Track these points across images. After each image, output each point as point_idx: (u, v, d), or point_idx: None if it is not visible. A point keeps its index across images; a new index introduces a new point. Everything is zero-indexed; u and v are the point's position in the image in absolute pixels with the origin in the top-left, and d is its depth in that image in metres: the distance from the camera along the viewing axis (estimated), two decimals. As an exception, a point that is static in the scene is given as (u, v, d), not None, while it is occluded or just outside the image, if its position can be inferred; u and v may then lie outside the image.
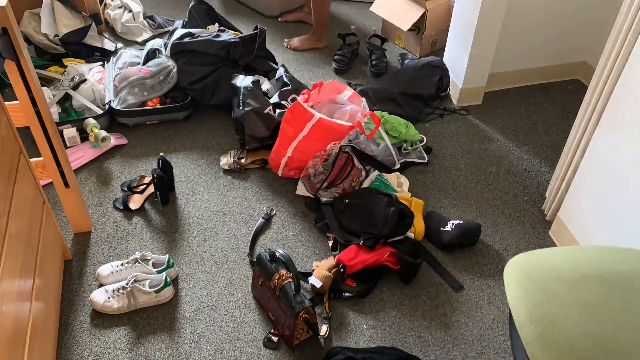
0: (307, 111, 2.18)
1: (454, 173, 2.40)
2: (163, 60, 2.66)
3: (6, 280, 1.34)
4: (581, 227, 1.97)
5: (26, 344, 1.42)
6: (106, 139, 2.39)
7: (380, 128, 2.35)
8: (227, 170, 2.39)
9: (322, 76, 2.98)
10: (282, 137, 2.25)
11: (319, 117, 2.17)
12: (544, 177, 2.37)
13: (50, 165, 1.87)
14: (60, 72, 2.69)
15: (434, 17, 3.01)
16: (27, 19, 2.87)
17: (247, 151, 2.42)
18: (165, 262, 1.92)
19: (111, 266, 1.93)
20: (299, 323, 1.68)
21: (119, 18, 3.24)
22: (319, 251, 2.06)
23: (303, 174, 2.25)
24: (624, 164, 1.73)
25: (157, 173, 2.15)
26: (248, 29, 3.36)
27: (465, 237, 2.05)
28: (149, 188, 2.25)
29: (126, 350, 1.74)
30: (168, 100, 2.63)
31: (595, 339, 1.13)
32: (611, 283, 1.23)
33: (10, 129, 1.57)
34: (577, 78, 2.97)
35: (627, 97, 1.70)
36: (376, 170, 2.28)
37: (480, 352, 1.76)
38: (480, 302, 1.90)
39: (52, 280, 1.77)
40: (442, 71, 2.74)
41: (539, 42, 2.75)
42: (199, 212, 2.20)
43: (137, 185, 2.28)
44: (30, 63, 1.64)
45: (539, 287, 1.24)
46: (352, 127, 2.19)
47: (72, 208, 2.02)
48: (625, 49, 1.69)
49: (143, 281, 1.84)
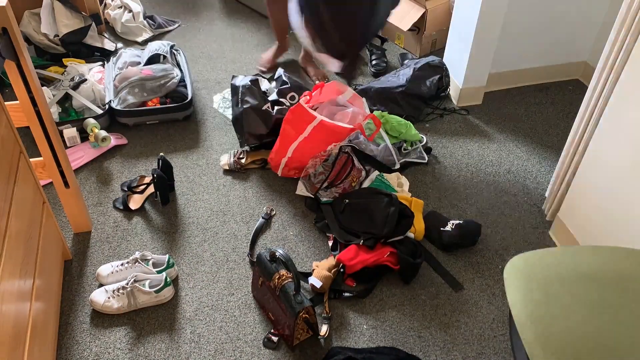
0: (309, 113, 2.18)
1: (454, 173, 2.40)
2: (169, 67, 2.68)
3: (6, 280, 1.34)
4: (581, 227, 1.97)
5: (26, 344, 1.42)
6: (106, 139, 2.39)
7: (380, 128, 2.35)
8: (227, 170, 2.39)
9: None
10: (283, 137, 2.25)
11: (320, 120, 2.17)
12: (544, 177, 2.37)
13: (50, 165, 1.87)
14: (60, 72, 2.69)
15: (434, 17, 3.01)
16: (27, 19, 2.87)
17: (247, 151, 2.43)
18: (165, 262, 1.92)
19: (111, 266, 1.93)
20: (299, 323, 1.68)
21: (119, 18, 3.24)
22: (319, 251, 2.06)
23: (303, 174, 2.25)
24: (624, 164, 1.73)
25: (157, 173, 2.15)
26: (248, 29, 3.37)
27: (465, 237, 2.05)
28: (149, 188, 2.25)
29: (126, 350, 1.74)
30: (168, 100, 2.63)
31: (595, 339, 1.13)
32: (611, 283, 1.23)
33: (10, 129, 1.57)
34: (577, 78, 2.97)
35: (627, 97, 1.70)
36: (376, 171, 2.28)
37: (480, 352, 1.76)
38: (480, 302, 1.90)
39: (52, 280, 1.77)
40: (442, 71, 2.74)
41: (539, 42, 2.75)
42: (199, 212, 2.20)
43: (137, 185, 2.28)
44: (30, 63, 1.64)
45: (539, 287, 1.24)
46: (352, 130, 2.20)
47: (72, 208, 2.02)
48: (625, 49, 1.69)
49: (143, 281, 1.84)
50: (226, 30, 3.36)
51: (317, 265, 1.94)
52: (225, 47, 3.21)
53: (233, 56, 3.13)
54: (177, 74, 2.67)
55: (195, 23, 3.43)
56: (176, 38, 3.28)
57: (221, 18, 3.48)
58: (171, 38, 3.28)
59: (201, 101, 2.78)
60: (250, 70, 3.01)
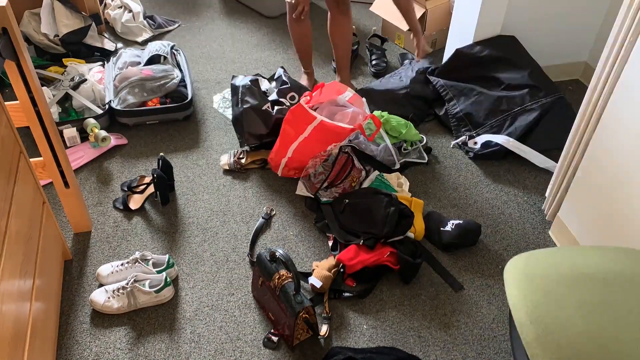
0: (309, 113, 2.18)
1: (454, 173, 2.40)
2: (169, 68, 2.68)
3: (6, 280, 1.34)
4: (581, 227, 1.97)
5: (26, 343, 1.42)
6: (106, 139, 2.39)
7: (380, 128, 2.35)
8: (227, 170, 2.39)
9: (323, 76, 2.98)
10: (283, 137, 2.25)
11: (320, 120, 2.17)
12: (544, 177, 2.37)
13: (50, 165, 1.87)
14: (60, 72, 2.69)
15: (434, 17, 3.01)
16: (27, 19, 2.87)
17: (247, 151, 2.42)
18: (165, 262, 1.92)
19: (111, 266, 1.93)
20: (299, 323, 1.68)
21: (119, 18, 3.24)
22: (319, 251, 2.06)
23: (303, 174, 2.25)
24: (624, 164, 1.73)
25: (157, 173, 2.15)
26: (248, 29, 3.37)
27: (465, 237, 2.05)
28: (149, 188, 2.25)
29: (126, 350, 1.74)
30: (168, 100, 2.63)
31: (595, 339, 1.13)
32: (611, 283, 1.23)
33: (10, 129, 1.57)
34: (577, 78, 2.97)
35: (627, 97, 1.70)
36: (376, 171, 2.28)
37: (480, 352, 1.76)
38: (480, 302, 1.90)
39: (52, 280, 1.77)
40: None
41: (538, 42, 2.74)
42: (199, 212, 2.20)
43: (137, 185, 2.28)
44: (30, 63, 1.64)
45: (539, 287, 1.24)
46: (353, 130, 2.20)
47: (72, 208, 2.02)
48: (625, 49, 1.69)
49: (143, 281, 1.84)
50: (226, 30, 3.36)
51: (317, 265, 1.94)
52: (225, 47, 3.21)
53: (233, 56, 3.13)
54: (177, 75, 2.67)
55: (195, 23, 3.43)
56: (176, 38, 3.28)
57: (221, 18, 3.48)
58: (171, 38, 3.28)
59: (201, 101, 2.78)
60: (250, 70, 3.01)
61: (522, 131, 2.39)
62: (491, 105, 2.46)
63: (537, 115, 2.38)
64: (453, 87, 2.57)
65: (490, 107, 2.46)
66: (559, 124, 2.36)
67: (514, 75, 2.51)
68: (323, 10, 3.55)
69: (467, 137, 2.47)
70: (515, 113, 2.42)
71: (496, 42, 2.62)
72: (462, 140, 2.48)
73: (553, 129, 2.38)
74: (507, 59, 2.55)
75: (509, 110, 2.43)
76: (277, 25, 3.42)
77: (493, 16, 2.51)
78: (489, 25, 2.53)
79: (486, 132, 2.44)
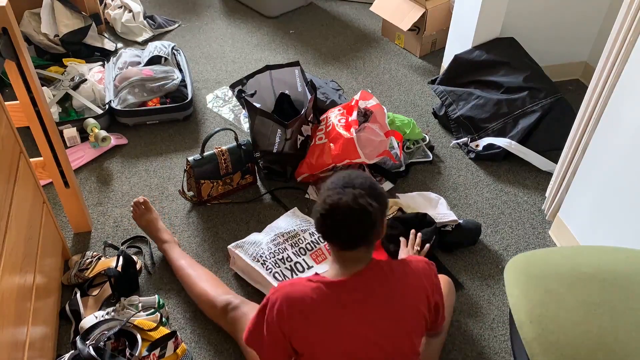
0: (357, 152, 2.13)
1: (454, 173, 2.40)
2: (169, 69, 2.67)
3: (6, 280, 1.34)
4: (581, 227, 1.97)
5: (26, 344, 1.42)
6: (106, 139, 2.39)
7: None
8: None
9: (323, 76, 2.98)
10: (320, 161, 2.21)
11: (362, 161, 2.15)
12: (544, 177, 2.37)
13: (50, 165, 1.87)
14: (60, 72, 2.69)
15: (434, 17, 3.01)
16: (27, 19, 2.87)
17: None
18: (156, 303, 1.76)
19: (95, 317, 1.68)
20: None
21: (119, 18, 3.24)
22: (319, 251, 2.06)
23: (315, 179, 2.26)
24: (624, 164, 1.73)
25: (114, 273, 1.79)
26: (248, 29, 3.37)
27: (465, 237, 2.05)
28: (105, 288, 1.86)
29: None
30: (168, 100, 2.63)
31: (595, 339, 1.13)
32: (611, 283, 1.23)
33: (10, 129, 1.57)
34: (577, 78, 2.97)
35: (627, 97, 1.70)
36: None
37: (480, 352, 1.76)
38: (480, 302, 1.90)
39: (52, 280, 1.77)
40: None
41: (538, 42, 2.74)
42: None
43: (93, 285, 1.87)
44: (30, 63, 1.64)
45: (539, 287, 1.24)
46: (380, 155, 2.21)
47: (72, 208, 2.02)
48: (625, 49, 1.69)
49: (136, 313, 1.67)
50: (226, 30, 3.36)
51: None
52: (225, 47, 3.21)
53: (233, 56, 3.13)
54: (177, 76, 2.66)
55: (195, 23, 3.43)
56: (176, 38, 3.28)
57: (221, 18, 3.48)
58: (171, 38, 3.28)
59: (201, 101, 2.78)
60: (250, 70, 3.00)
61: (523, 133, 2.39)
62: (492, 109, 2.45)
63: (537, 116, 2.38)
64: (452, 92, 2.57)
65: (491, 110, 2.45)
66: (559, 125, 2.36)
67: (513, 78, 2.51)
68: (323, 10, 3.55)
69: (469, 139, 2.47)
70: (517, 116, 2.41)
71: (495, 45, 2.61)
72: (463, 141, 2.47)
73: (553, 129, 2.37)
74: (506, 62, 2.55)
75: (510, 113, 2.43)
76: (277, 25, 3.42)
77: (492, 18, 2.51)
78: (488, 28, 2.53)
79: (488, 135, 2.44)
